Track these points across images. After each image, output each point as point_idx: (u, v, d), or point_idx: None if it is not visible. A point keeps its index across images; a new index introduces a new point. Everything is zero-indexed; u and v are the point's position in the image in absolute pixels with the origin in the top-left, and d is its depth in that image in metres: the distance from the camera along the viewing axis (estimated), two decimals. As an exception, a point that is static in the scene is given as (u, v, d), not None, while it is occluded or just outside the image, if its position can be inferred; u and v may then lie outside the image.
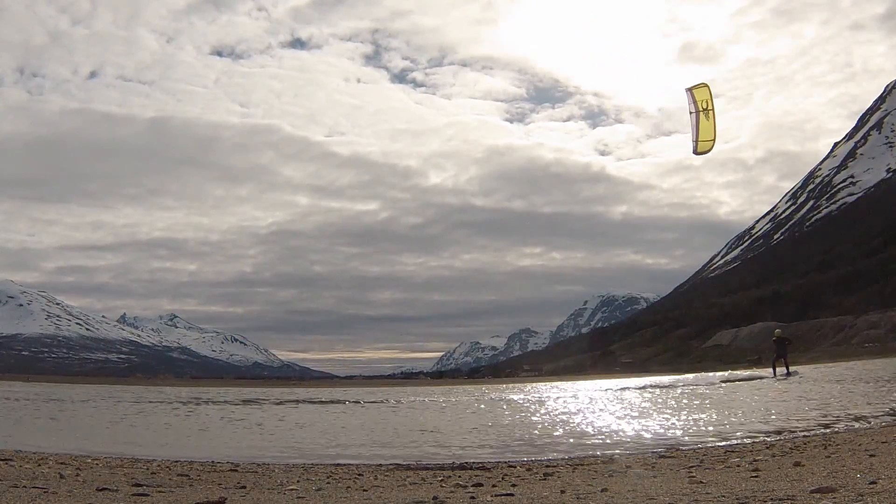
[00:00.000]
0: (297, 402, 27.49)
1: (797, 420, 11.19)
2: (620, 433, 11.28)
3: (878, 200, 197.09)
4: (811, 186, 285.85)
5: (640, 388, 29.34)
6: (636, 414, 15.27)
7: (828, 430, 8.86)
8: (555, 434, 11.71)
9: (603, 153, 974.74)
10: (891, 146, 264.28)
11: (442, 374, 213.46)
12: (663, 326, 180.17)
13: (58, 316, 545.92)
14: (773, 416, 12.15)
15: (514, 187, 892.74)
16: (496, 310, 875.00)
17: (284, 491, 5.27)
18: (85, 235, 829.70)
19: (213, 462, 7.19)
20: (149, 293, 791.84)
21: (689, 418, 13.11)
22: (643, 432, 11.10)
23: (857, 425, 9.30)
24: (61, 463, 6.47)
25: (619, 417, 14.46)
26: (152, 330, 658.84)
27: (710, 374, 48.26)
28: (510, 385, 51.01)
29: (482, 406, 22.03)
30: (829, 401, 14.92)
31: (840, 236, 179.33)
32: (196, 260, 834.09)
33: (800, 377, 28.42)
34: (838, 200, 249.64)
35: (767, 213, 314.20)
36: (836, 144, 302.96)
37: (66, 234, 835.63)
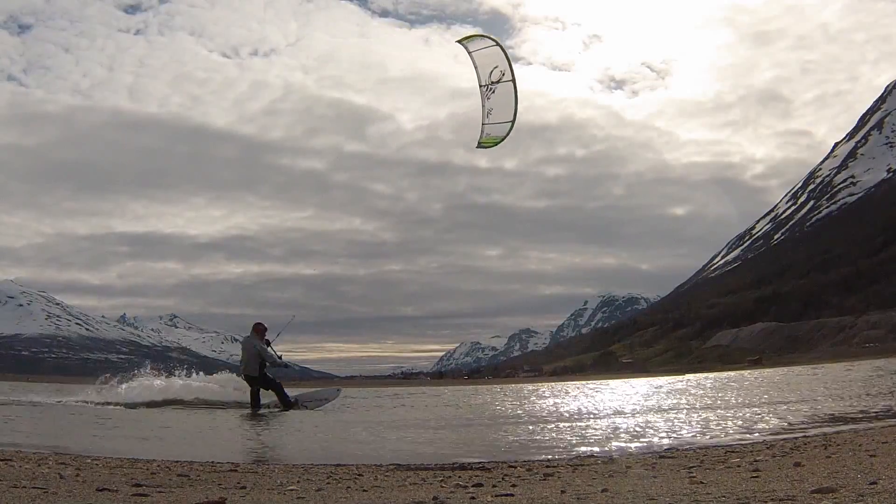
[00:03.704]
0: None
1: None
2: None
3: (879, 200, 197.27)
4: (811, 186, 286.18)
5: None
6: None
7: (828, 431, 8.86)
8: None
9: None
10: (891, 146, 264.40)
11: (442, 375, 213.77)
12: (663, 327, 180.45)
13: (58, 316, 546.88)
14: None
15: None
16: (496, 310, 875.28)
17: (284, 491, 5.26)
18: (85, 234, 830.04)
19: (213, 462, 7.19)
20: (149, 293, 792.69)
21: None
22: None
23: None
24: (61, 463, 6.47)
25: None
26: (152, 330, 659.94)
27: None
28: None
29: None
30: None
31: (840, 236, 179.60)
32: (196, 259, 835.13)
33: None
34: (839, 200, 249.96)
35: (767, 213, 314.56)
36: (836, 144, 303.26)
37: (66, 233, 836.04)
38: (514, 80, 9.77)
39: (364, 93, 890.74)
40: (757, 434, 9.15)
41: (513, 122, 9.76)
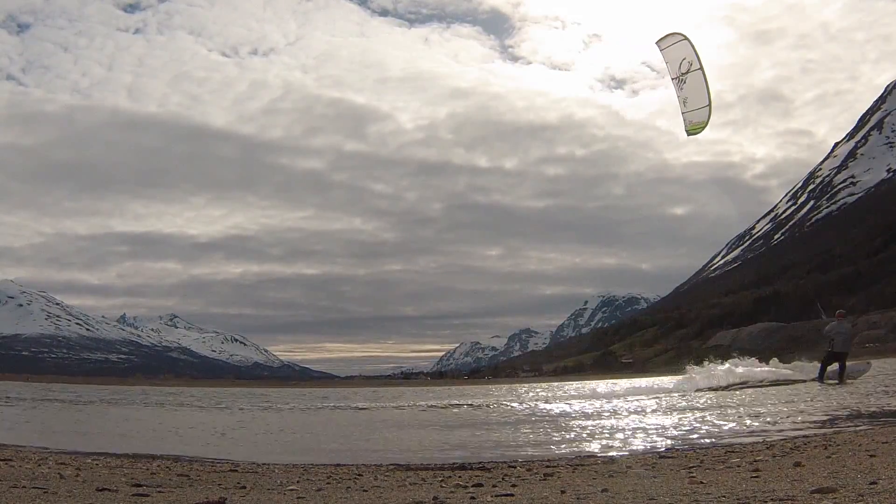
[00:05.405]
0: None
1: None
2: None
3: (879, 200, 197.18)
4: (811, 186, 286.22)
5: None
6: None
7: (828, 431, 8.86)
8: None
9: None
10: (891, 146, 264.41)
11: (443, 375, 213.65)
12: (663, 327, 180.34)
13: (58, 316, 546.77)
14: None
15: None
16: (496, 310, 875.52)
17: (284, 491, 5.26)
18: (85, 234, 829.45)
19: (213, 462, 7.19)
20: (149, 293, 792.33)
21: None
22: None
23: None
24: (61, 463, 6.47)
25: None
26: (152, 330, 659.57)
27: None
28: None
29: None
30: None
31: (840, 236, 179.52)
32: (196, 259, 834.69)
33: None
34: (839, 200, 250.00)
35: (767, 213, 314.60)
36: (836, 144, 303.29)
37: (66, 233, 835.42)
38: (702, 68, 10.16)
39: (363, 92, 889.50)
40: (756, 434, 9.14)
41: (710, 105, 10.16)
